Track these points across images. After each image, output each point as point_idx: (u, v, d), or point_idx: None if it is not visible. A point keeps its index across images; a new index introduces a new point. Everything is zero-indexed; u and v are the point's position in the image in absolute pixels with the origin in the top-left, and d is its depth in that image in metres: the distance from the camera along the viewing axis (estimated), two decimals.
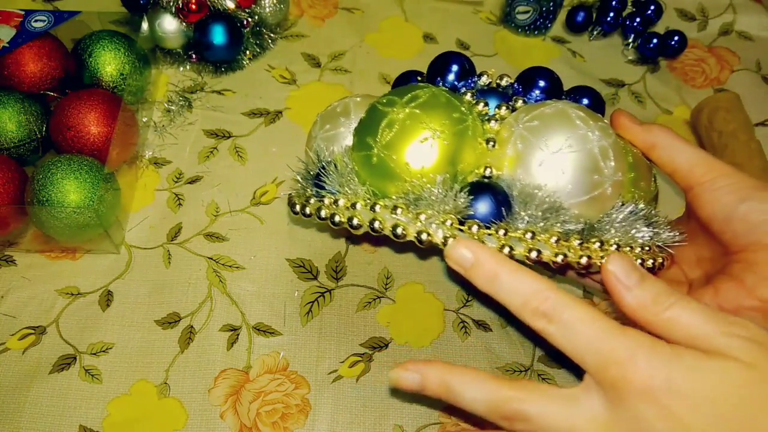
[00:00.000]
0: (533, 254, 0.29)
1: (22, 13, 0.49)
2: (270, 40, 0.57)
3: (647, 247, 0.32)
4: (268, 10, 0.56)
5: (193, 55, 0.55)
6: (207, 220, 0.47)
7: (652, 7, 0.58)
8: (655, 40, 0.58)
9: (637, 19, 0.59)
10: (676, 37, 0.57)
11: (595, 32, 0.60)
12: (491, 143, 0.32)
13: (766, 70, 0.60)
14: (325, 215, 0.33)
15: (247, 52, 0.56)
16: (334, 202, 0.32)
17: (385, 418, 0.39)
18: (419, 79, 0.38)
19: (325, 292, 0.44)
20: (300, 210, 0.34)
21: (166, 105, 0.53)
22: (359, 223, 0.31)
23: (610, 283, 0.27)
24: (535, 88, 0.35)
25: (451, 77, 0.37)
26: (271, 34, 0.57)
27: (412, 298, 0.44)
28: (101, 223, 0.41)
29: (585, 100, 0.36)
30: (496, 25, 0.62)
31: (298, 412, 0.39)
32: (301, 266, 0.45)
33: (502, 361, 0.41)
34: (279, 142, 0.51)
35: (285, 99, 0.54)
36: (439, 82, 0.37)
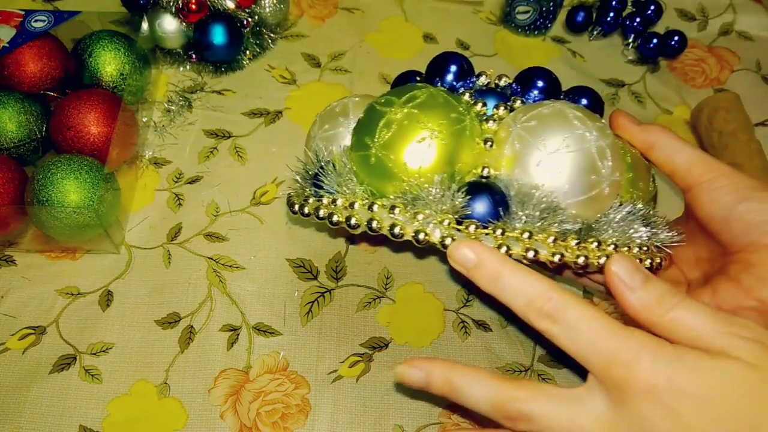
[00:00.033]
0: (530, 254, 0.29)
1: (22, 13, 0.49)
2: (270, 40, 0.57)
3: (645, 248, 0.32)
4: (268, 10, 0.56)
5: (193, 55, 0.55)
6: (207, 220, 0.47)
7: (652, 7, 0.58)
8: (655, 40, 0.58)
9: (637, 19, 0.59)
10: (676, 37, 0.57)
11: (595, 32, 0.60)
12: (489, 143, 0.32)
13: (766, 70, 0.60)
14: (324, 215, 0.33)
15: (247, 52, 0.56)
16: (333, 202, 0.32)
17: (385, 418, 0.39)
18: (418, 79, 0.38)
19: (325, 292, 0.44)
20: (298, 209, 0.35)
21: (166, 105, 0.53)
22: (357, 222, 0.31)
23: (613, 284, 0.27)
24: (534, 88, 0.35)
25: (450, 77, 0.37)
26: (271, 34, 0.57)
27: (412, 298, 0.44)
28: (101, 223, 0.41)
29: (584, 101, 0.36)
30: (496, 25, 0.62)
31: (298, 412, 0.39)
32: (301, 266, 0.45)
33: (502, 361, 0.41)
34: (279, 142, 0.51)
35: (285, 99, 0.54)
36: (437, 83, 0.37)
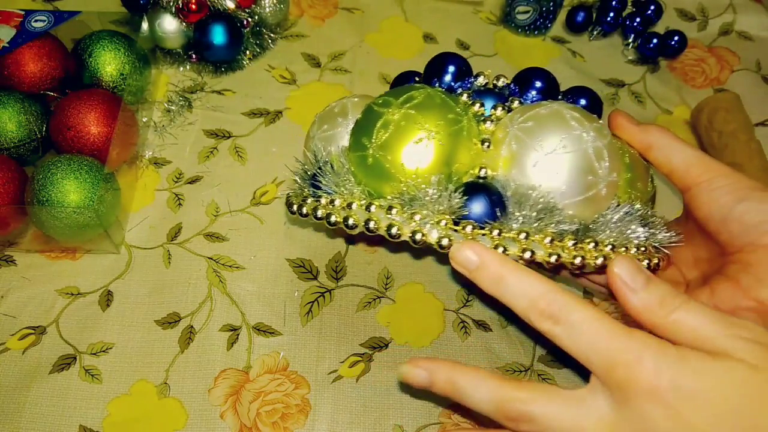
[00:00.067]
0: (527, 254, 0.29)
1: (22, 13, 0.49)
2: (270, 40, 0.57)
3: (643, 248, 0.32)
4: (268, 10, 0.56)
5: (193, 55, 0.55)
6: (207, 220, 0.47)
7: (652, 7, 0.58)
8: (655, 40, 0.58)
9: (637, 19, 0.59)
10: (676, 37, 0.57)
11: (595, 32, 0.60)
12: (486, 144, 0.32)
13: (766, 70, 0.60)
14: (322, 215, 0.33)
15: (247, 52, 0.56)
16: (331, 202, 0.32)
17: (385, 418, 0.39)
18: (417, 79, 0.38)
19: (325, 292, 0.44)
20: (297, 210, 0.35)
21: (166, 105, 0.53)
22: (355, 222, 0.31)
23: (615, 286, 0.27)
24: (532, 88, 0.35)
25: (448, 78, 0.37)
26: (271, 34, 0.57)
27: (412, 298, 0.44)
28: (101, 223, 0.41)
29: (582, 101, 0.36)
30: (496, 25, 0.62)
31: (298, 412, 0.39)
32: (301, 266, 0.45)
33: (502, 361, 0.41)
34: (279, 142, 0.51)
35: (285, 99, 0.54)
36: (435, 83, 0.37)
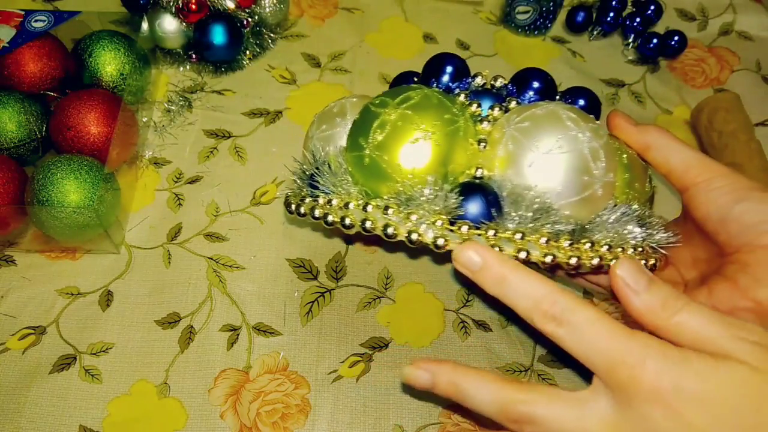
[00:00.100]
0: (522, 254, 0.29)
1: (22, 13, 0.49)
2: (270, 40, 0.57)
3: (640, 249, 0.32)
4: (268, 10, 0.56)
5: (193, 55, 0.55)
6: (207, 220, 0.47)
7: (652, 7, 0.58)
8: (655, 40, 0.58)
9: (637, 19, 0.59)
10: (676, 37, 0.57)
11: (595, 32, 0.60)
12: (483, 144, 0.32)
13: (766, 70, 0.60)
14: (319, 215, 0.33)
15: (247, 52, 0.56)
16: (328, 202, 0.33)
17: (385, 418, 0.39)
18: (416, 80, 0.38)
19: (325, 292, 0.44)
20: (295, 209, 0.35)
21: (166, 105, 0.53)
22: (351, 222, 0.32)
23: (617, 287, 0.27)
24: (529, 89, 0.35)
25: (446, 78, 0.37)
26: (271, 34, 0.57)
27: (412, 298, 0.44)
28: (101, 223, 0.41)
29: (581, 101, 0.36)
30: (496, 25, 0.62)
31: (298, 412, 0.39)
32: (301, 266, 0.45)
33: (502, 361, 0.41)
34: (279, 142, 0.51)
35: (285, 99, 0.54)
36: (433, 83, 0.37)
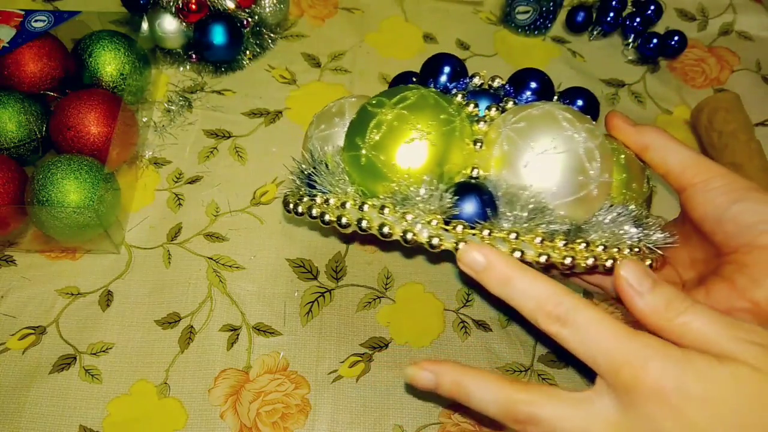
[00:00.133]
0: (516, 254, 0.29)
1: (22, 13, 0.49)
2: (270, 40, 0.57)
3: (636, 249, 0.32)
4: (268, 10, 0.56)
5: (193, 55, 0.55)
6: (207, 220, 0.47)
7: (652, 7, 0.58)
8: (655, 40, 0.58)
9: (637, 19, 0.59)
10: (676, 37, 0.57)
11: (595, 32, 0.60)
12: (479, 144, 0.32)
13: (766, 70, 0.60)
14: (316, 214, 0.33)
15: (247, 52, 0.56)
16: (325, 202, 0.33)
17: (385, 418, 0.39)
18: (415, 80, 0.38)
19: (325, 292, 0.44)
20: (293, 208, 0.35)
21: (166, 105, 0.53)
22: (348, 222, 0.32)
23: (621, 288, 0.27)
24: (527, 89, 0.35)
25: (444, 78, 0.37)
26: (271, 34, 0.57)
27: (412, 298, 0.44)
28: (101, 223, 0.41)
29: (579, 101, 0.36)
30: (496, 25, 0.62)
31: (298, 412, 0.39)
32: (301, 266, 0.45)
33: (502, 361, 0.41)
34: (279, 142, 0.51)
35: (285, 99, 0.54)
36: (431, 84, 0.37)
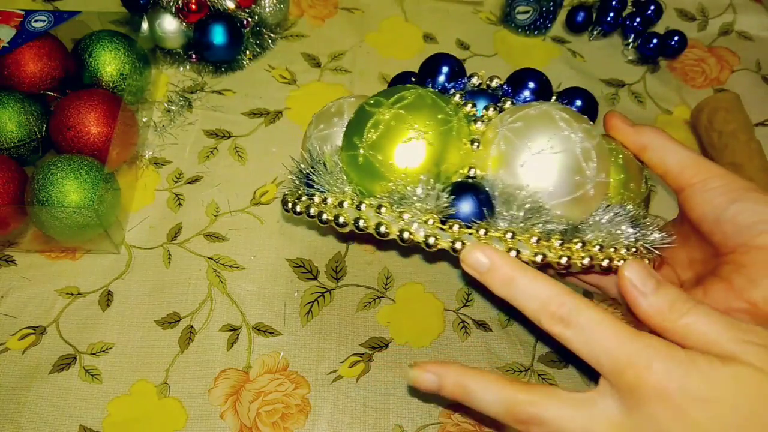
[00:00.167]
0: (512, 254, 0.29)
1: (22, 13, 0.49)
2: (270, 40, 0.57)
3: (634, 249, 0.32)
4: (268, 10, 0.56)
5: (193, 55, 0.55)
6: (207, 220, 0.47)
7: (652, 7, 0.58)
8: (655, 40, 0.58)
9: (637, 19, 0.59)
10: (676, 37, 0.57)
11: (595, 32, 0.60)
12: (476, 144, 0.32)
13: (766, 70, 0.60)
14: (314, 213, 0.33)
15: (247, 52, 0.56)
16: (323, 201, 0.33)
17: (385, 418, 0.39)
18: (413, 80, 0.38)
19: (325, 292, 0.44)
20: (291, 207, 0.35)
21: (166, 105, 0.53)
22: (345, 221, 0.32)
23: (625, 289, 0.27)
24: (525, 89, 0.35)
25: (442, 78, 0.37)
26: (271, 34, 0.57)
27: (412, 298, 0.44)
28: (101, 223, 0.41)
29: (578, 102, 0.36)
30: (496, 25, 0.62)
31: (298, 412, 0.39)
32: (301, 266, 0.45)
33: (502, 361, 0.41)
34: (279, 142, 0.51)
35: (285, 99, 0.54)
36: (429, 84, 0.37)
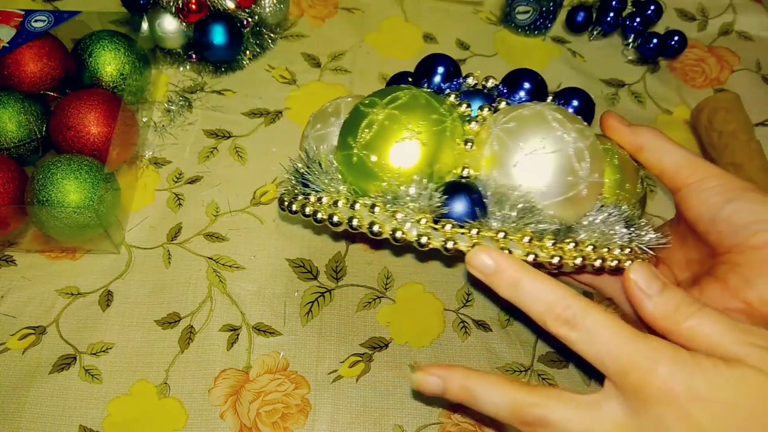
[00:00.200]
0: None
1: (22, 13, 0.49)
2: (270, 40, 0.57)
3: (628, 249, 0.32)
4: (268, 10, 0.56)
5: (193, 55, 0.55)
6: (207, 220, 0.47)
7: (652, 7, 0.58)
8: (655, 40, 0.58)
9: (637, 19, 0.59)
10: (676, 37, 0.57)
11: (595, 32, 0.61)
12: (469, 144, 0.32)
13: (766, 70, 0.60)
14: (309, 212, 0.33)
15: (247, 52, 0.56)
16: (318, 200, 0.33)
17: (385, 418, 0.39)
18: (410, 80, 0.38)
19: (325, 292, 0.44)
20: (287, 206, 0.35)
21: (166, 105, 0.53)
22: (339, 220, 0.32)
23: (630, 291, 0.27)
24: (520, 89, 0.35)
25: (437, 79, 0.37)
26: (271, 34, 0.57)
27: (412, 298, 0.44)
28: (101, 223, 0.41)
29: (575, 102, 0.36)
30: (496, 25, 0.62)
31: (298, 412, 0.39)
32: (301, 266, 0.45)
33: (502, 361, 0.41)
34: (279, 142, 0.51)
35: (285, 99, 0.54)
36: (424, 84, 0.37)
